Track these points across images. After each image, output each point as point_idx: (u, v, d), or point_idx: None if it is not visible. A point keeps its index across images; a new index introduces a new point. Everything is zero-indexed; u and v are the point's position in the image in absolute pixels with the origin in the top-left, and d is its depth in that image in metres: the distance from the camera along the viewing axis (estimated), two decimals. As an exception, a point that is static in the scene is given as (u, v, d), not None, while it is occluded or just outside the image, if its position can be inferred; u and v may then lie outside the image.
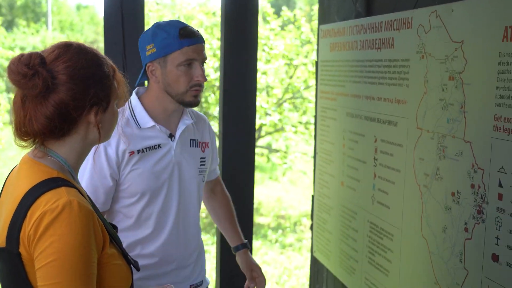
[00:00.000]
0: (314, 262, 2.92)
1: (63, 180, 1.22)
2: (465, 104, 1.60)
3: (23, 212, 1.15)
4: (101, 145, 1.81)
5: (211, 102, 8.66)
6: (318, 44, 2.74)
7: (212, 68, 8.38)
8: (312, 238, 2.89)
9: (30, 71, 1.16)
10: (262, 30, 9.31)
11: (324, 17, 2.76)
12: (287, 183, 11.61)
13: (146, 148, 1.86)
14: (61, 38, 21.67)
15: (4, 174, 13.16)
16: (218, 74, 8.42)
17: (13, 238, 1.15)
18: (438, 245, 1.75)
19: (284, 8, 10.19)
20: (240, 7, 2.63)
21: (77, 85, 1.21)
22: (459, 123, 1.63)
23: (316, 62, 2.76)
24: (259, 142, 10.66)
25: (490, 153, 1.50)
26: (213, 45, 8.64)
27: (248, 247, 2.22)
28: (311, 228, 2.89)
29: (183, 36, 1.82)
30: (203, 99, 9.34)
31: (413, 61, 1.87)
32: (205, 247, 2.25)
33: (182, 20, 6.35)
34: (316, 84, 2.76)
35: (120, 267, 1.28)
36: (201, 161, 2.00)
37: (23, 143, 1.25)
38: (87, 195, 1.35)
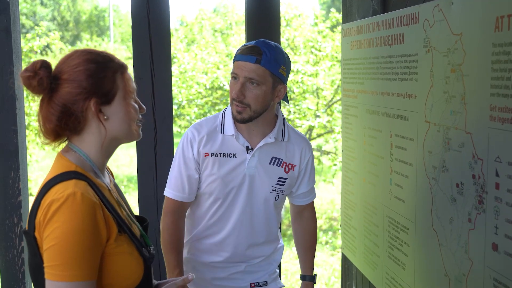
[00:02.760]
0: (344, 259, 2.95)
1: (77, 173, 1.35)
2: (465, 95, 1.61)
3: (38, 200, 1.30)
4: (188, 142, 2.03)
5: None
6: (341, 43, 2.78)
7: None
8: (341, 236, 2.92)
9: (29, 73, 1.32)
10: (310, 32, 9.35)
11: (346, 16, 2.80)
12: (340, 185, 11.53)
13: (221, 154, 2.01)
14: (122, 49, 22.49)
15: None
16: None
17: (31, 222, 1.31)
18: (446, 237, 1.76)
19: (332, 9, 10.19)
20: (263, 10, 2.70)
21: (73, 81, 1.34)
22: (460, 114, 1.64)
23: (341, 61, 2.80)
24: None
25: (488, 143, 1.51)
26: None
27: (314, 281, 2.34)
28: (340, 225, 2.93)
29: (238, 51, 1.99)
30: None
31: (420, 56, 1.89)
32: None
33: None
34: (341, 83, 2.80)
35: (128, 258, 1.38)
36: (278, 181, 2.09)
37: (46, 141, 1.40)
38: (114, 188, 1.50)
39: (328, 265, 7.32)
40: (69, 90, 1.34)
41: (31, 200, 1.37)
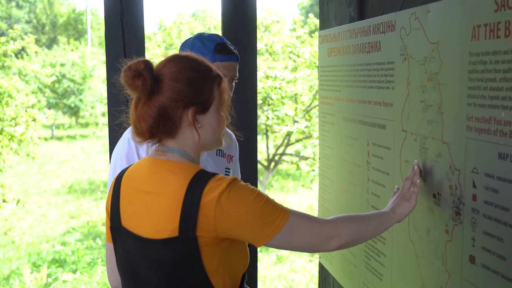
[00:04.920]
0: (322, 268, 2.92)
1: (205, 171, 1.37)
2: (442, 105, 1.59)
3: (195, 202, 1.29)
4: (126, 140, 1.88)
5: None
6: (318, 50, 2.76)
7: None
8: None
9: (133, 73, 1.32)
10: (289, 38, 9.35)
11: (323, 23, 2.78)
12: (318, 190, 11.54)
13: None
14: (100, 52, 22.27)
15: (45, 187, 13.60)
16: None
17: (189, 225, 1.29)
18: (423, 247, 1.73)
19: (311, 15, 10.21)
20: (239, 14, 2.66)
21: (174, 87, 1.35)
22: (437, 124, 1.62)
23: (318, 68, 2.77)
24: (288, 150, 10.66)
25: (465, 153, 1.49)
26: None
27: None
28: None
29: (218, 51, 1.89)
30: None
31: (397, 64, 1.87)
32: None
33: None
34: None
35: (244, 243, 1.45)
36: (226, 171, 2.07)
37: (137, 139, 1.40)
38: None
39: (306, 271, 7.29)
40: (169, 95, 1.34)
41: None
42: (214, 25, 12.58)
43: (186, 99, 1.35)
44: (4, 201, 9.28)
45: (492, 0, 1.35)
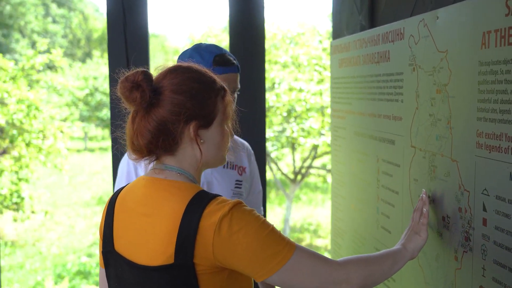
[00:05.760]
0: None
1: (206, 192, 1.25)
2: (451, 119, 1.45)
3: (193, 226, 1.17)
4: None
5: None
6: (330, 61, 2.64)
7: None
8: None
9: (131, 84, 1.22)
10: (314, 50, 9.23)
11: (336, 33, 2.66)
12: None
13: None
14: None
15: (75, 198, 13.76)
16: (266, 95, 8.39)
17: (186, 251, 1.18)
18: (432, 274, 1.59)
19: (338, 27, 10.08)
20: (247, 27, 2.58)
21: (175, 99, 1.24)
22: (446, 140, 1.48)
23: (330, 79, 2.65)
24: (316, 162, 10.49)
25: (474, 173, 1.34)
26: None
27: None
28: (329, 254, 2.75)
29: (217, 63, 1.81)
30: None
31: (406, 75, 1.74)
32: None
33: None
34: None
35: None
36: (236, 184, 1.97)
37: (133, 157, 1.29)
38: None
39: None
40: (170, 108, 1.23)
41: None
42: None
43: (188, 112, 1.24)
44: (32, 212, 9.37)
45: (503, 3, 1.21)
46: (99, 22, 32.22)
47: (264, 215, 2.70)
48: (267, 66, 9.02)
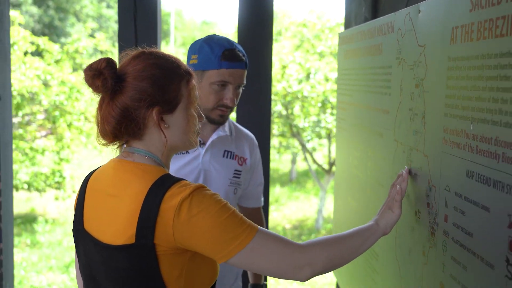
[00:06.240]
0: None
1: (170, 176, 1.29)
2: (425, 114, 1.45)
3: (154, 208, 1.21)
4: None
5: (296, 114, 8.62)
6: (337, 52, 2.64)
7: (297, 80, 8.35)
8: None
9: (93, 72, 1.26)
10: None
11: (347, 24, 2.65)
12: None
13: None
14: (180, 52, 22.86)
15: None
16: (301, 86, 8.39)
17: (147, 232, 1.21)
18: (407, 269, 1.59)
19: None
20: (255, 26, 2.60)
21: (137, 86, 1.27)
22: (421, 135, 1.48)
23: (337, 71, 2.65)
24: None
25: (440, 169, 1.34)
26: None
27: None
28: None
29: (225, 57, 1.84)
30: (289, 111, 9.34)
31: (393, 68, 1.73)
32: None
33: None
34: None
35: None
36: (235, 173, 1.99)
37: (102, 142, 1.33)
38: None
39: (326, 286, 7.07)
40: (132, 95, 1.27)
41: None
42: (277, 30, 12.49)
43: (150, 98, 1.27)
44: (74, 191, 9.71)
45: (470, -2, 1.20)
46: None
47: (266, 209, 2.73)
48: (302, 54, 8.98)
